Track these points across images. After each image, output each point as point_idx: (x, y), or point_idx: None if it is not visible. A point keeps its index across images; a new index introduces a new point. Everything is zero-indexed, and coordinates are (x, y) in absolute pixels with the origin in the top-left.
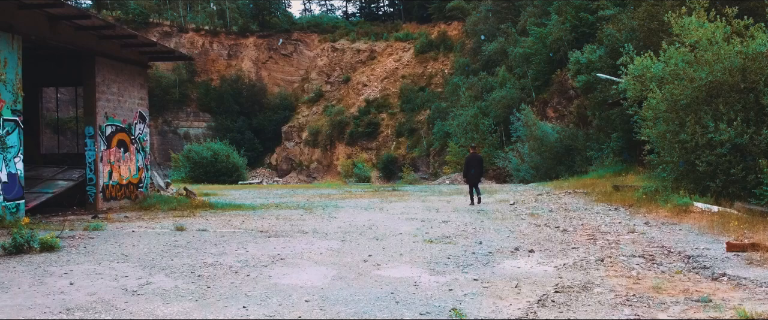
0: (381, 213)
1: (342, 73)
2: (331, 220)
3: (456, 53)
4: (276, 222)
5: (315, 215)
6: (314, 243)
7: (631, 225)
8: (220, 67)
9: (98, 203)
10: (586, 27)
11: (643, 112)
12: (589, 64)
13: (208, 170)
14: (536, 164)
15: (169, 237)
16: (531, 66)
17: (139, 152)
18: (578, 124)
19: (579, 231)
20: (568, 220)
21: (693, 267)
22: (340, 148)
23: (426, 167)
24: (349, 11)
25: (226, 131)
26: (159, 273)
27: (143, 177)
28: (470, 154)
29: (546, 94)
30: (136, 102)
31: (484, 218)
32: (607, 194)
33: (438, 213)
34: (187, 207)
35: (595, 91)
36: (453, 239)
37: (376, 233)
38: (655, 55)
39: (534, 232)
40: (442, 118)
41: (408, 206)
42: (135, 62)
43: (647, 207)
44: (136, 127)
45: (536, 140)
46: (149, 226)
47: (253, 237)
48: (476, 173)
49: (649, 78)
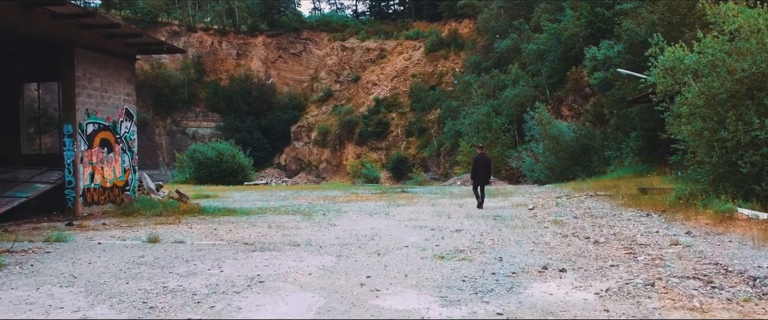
0: (386, 220)
1: (351, 72)
2: (329, 228)
3: (467, 51)
4: (267, 231)
5: (313, 222)
6: (304, 259)
7: (672, 235)
8: (229, 66)
9: (77, 208)
10: (602, 22)
11: (676, 108)
12: (606, 61)
13: (213, 171)
14: (551, 164)
15: (136, 252)
16: (545, 63)
17: (125, 152)
18: (595, 122)
19: (613, 243)
20: (598, 229)
21: (763, 292)
22: (349, 147)
23: (436, 167)
24: (359, 10)
25: (234, 131)
26: (103, 304)
27: (130, 179)
28: (478, 154)
29: (561, 92)
30: (122, 98)
31: (501, 226)
32: (633, 197)
33: (449, 219)
34: (173, 213)
35: (613, 88)
36: (468, 254)
37: (379, 245)
38: (688, 45)
39: (561, 244)
40: (452, 117)
41: (416, 210)
42: (120, 55)
43: (684, 213)
44: (121, 125)
45: (551, 139)
46: (122, 236)
47: (233, 251)
48: (484, 175)
49: (681, 70)
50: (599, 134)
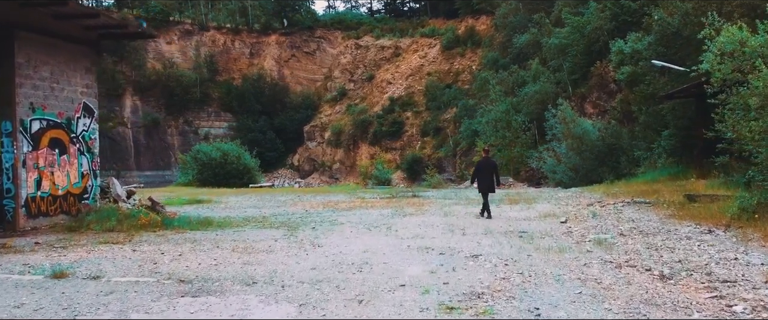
0: (386, 238)
1: (366, 71)
2: (310, 252)
3: (485, 47)
4: (227, 257)
5: (294, 240)
6: (250, 310)
7: (760, 265)
8: (241, 65)
9: (18, 221)
10: (628, 15)
11: (741, 99)
12: (633, 54)
13: (218, 172)
14: (575, 165)
15: (20, 296)
16: (567, 58)
17: (83, 154)
18: (622, 120)
19: (687, 280)
20: (656, 253)
21: None
22: (363, 147)
23: (452, 168)
24: (374, 8)
25: (247, 131)
26: None
27: (89, 185)
28: (482, 158)
29: (584, 89)
30: (79, 90)
31: (531, 248)
32: (681, 206)
33: (464, 236)
34: (130, 227)
35: (642, 83)
36: (489, 300)
37: (365, 284)
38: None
39: (617, 281)
40: (469, 116)
41: (425, 222)
42: (77, 39)
43: (756, 229)
44: (78, 122)
45: (575, 138)
46: (28, 267)
47: (155, 296)
48: (489, 182)
49: (745, 56)
50: (627, 133)
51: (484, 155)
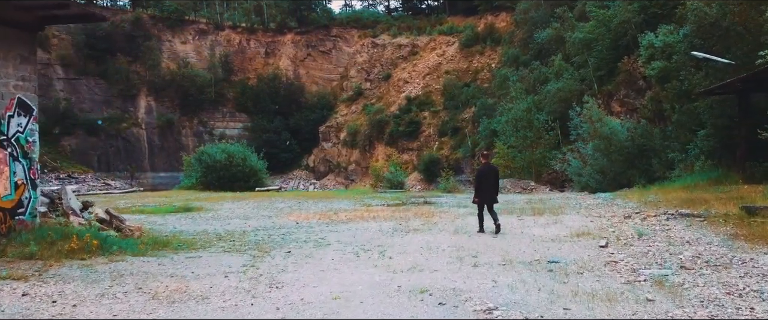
0: (372, 270)
1: (382, 70)
2: (260, 298)
3: (504, 45)
4: (136, 309)
5: (251, 276)
6: None
7: None
8: (257, 65)
9: None
10: (657, 7)
11: None
12: (665, 48)
13: (222, 175)
14: (602, 167)
15: None
16: (592, 53)
17: (16, 160)
18: (653, 119)
19: None
20: (742, 301)
21: None
22: (379, 148)
23: (470, 169)
24: (391, 6)
25: (262, 132)
26: None
27: (26, 197)
28: (483, 164)
29: (611, 86)
30: (12, 83)
31: (567, 294)
32: (740, 221)
33: (475, 269)
34: (53, 254)
35: (675, 79)
36: None
37: None
38: None
39: None
40: (488, 116)
41: (429, 243)
42: (11, 23)
43: None
44: (10, 121)
45: (602, 139)
46: None
47: None
48: (492, 191)
49: None
50: (659, 133)
51: (484, 161)
